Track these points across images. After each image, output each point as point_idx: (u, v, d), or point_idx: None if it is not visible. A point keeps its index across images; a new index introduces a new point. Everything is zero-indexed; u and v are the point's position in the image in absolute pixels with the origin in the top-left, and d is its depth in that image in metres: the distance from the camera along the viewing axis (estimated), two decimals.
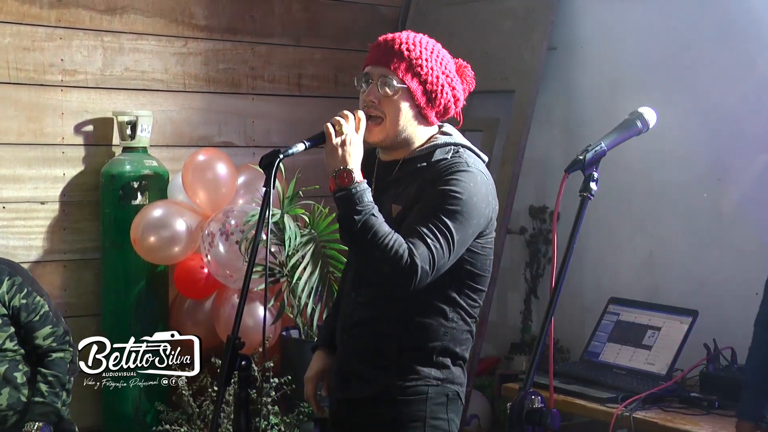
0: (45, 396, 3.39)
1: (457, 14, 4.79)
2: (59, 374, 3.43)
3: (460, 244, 2.36)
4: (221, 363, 2.34)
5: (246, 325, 4.02)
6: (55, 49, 4.14)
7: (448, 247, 2.32)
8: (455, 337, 2.48)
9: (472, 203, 2.37)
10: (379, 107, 2.43)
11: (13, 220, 4.08)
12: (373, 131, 2.44)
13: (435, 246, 2.30)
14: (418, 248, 2.29)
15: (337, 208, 2.37)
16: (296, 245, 3.97)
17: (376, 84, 2.43)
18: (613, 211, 4.19)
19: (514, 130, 4.38)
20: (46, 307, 3.46)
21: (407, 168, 2.48)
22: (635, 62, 4.22)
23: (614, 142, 2.12)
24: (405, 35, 2.47)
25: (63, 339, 3.47)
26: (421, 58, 2.43)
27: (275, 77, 4.74)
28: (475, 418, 4.41)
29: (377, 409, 2.48)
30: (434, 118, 2.48)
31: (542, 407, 1.84)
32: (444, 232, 2.32)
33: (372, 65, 2.46)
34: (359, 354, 2.53)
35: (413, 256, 2.28)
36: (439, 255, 2.31)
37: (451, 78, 2.48)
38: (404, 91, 2.42)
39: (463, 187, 2.36)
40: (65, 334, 3.49)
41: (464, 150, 2.48)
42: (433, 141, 2.49)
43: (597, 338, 3.82)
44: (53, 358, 3.44)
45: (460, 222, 2.34)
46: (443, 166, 2.41)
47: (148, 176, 4.17)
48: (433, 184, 2.38)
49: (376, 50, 2.47)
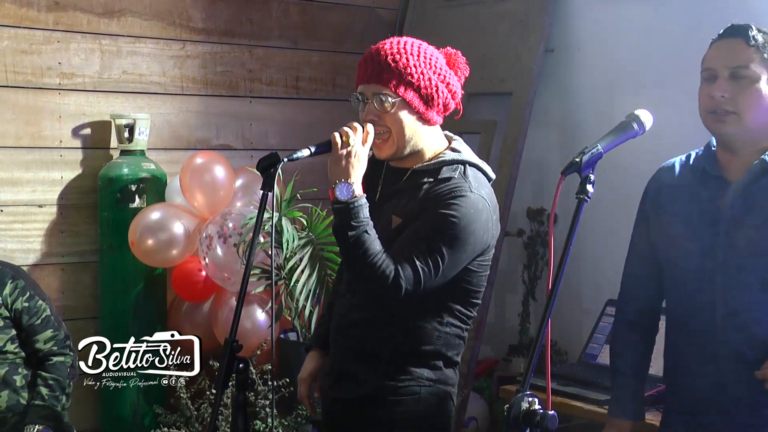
0: (45, 399, 3.39)
1: (454, 16, 4.79)
2: (60, 378, 3.43)
3: (449, 268, 2.39)
4: (219, 366, 2.34)
5: (244, 327, 4.02)
6: (52, 52, 4.14)
7: (436, 270, 2.36)
8: (448, 341, 2.49)
9: (470, 230, 2.38)
10: (381, 123, 2.43)
11: (11, 224, 4.08)
12: (382, 148, 2.46)
13: (423, 269, 2.35)
14: (404, 270, 2.34)
15: (333, 218, 2.40)
16: (294, 248, 3.96)
17: (372, 103, 2.43)
18: (610, 213, 4.18)
19: (512, 132, 4.39)
20: (48, 311, 3.47)
21: (414, 180, 2.48)
22: (632, 64, 4.22)
23: (611, 144, 2.13)
24: (389, 45, 2.45)
25: (64, 343, 3.48)
26: (409, 65, 2.41)
27: (273, 80, 4.74)
28: (473, 420, 4.41)
29: (370, 409, 2.49)
30: (436, 117, 2.48)
31: (540, 409, 1.85)
32: (434, 255, 2.35)
33: (363, 84, 2.45)
34: (353, 354, 2.54)
35: (399, 278, 2.33)
36: (426, 277, 2.36)
37: (444, 74, 2.47)
38: (401, 102, 2.42)
39: (462, 213, 2.37)
40: (66, 339, 3.49)
41: (471, 168, 2.48)
42: (441, 156, 2.48)
43: (595, 340, 3.82)
44: (54, 361, 3.45)
45: (453, 247, 2.37)
46: (447, 188, 2.41)
47: (145, 179, 4.17)
48: (435, 205, 2.39)
49: (365, 67, 2.45)
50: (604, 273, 4.30)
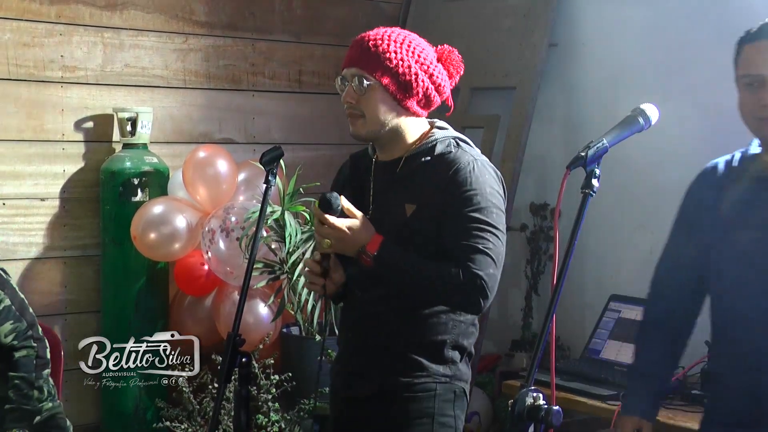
0: (13, 401, 3.19)
1: (458, 11, 4.78)
2: (24, 374, 3.20)
3: (504, 235, 2.43)
4: (221, 360, 2.34)
5: (246, 322, 4.02)
6: (55, 45, 4.13)
7: (498, 239, 2.39)
8: (463, 330, 2.48)
9: (493, 193, 2.43)
10: (356, 106, 2.46)
11: (13, 217, 4.07)
12: (356, 124, 2.48)
13: (487, 246, 2.36)
14: (473, 260, 2.34)
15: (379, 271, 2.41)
16: (297, 242, 3.96)
17: (351, 84, 2.47)
18: (614, 208, 4.18)
19: (515, 127, 4.38)
20: (7, 301, 3.21)
21: (411, 165, 2.48)
22: (636, 59, 4.21)
23: (616, 138, 2.11)
24: (375, 32, 2.51)
25: (25, 334, 3.21)
26: (389, 51, 2.45)
27: (276, 74, 4.74)
28: (475, 415, 4.41)
29: (384, 406, 2.47)
30: (417, 107, 2.48)
31: (544, 404, 1.84)
32: (489, 230, 2.38)
33: (346, 67, 2.51)
34: (365, 351, 2.52)
35: (467, 269, 2.33)
36: (495, 252, 2.38)
37: (428, 66, 2.47)
38: (376, 85, 2.44)
39: (480, 183, 2.41)
40: (28, 329, 3.22)
41: (462, 143, 2.50)
42: (431, 136, 2.50)
43: (598, 335, 3.82)
44: (16, 357, 3.20)
45: (495, 213, 2.41)
46: (449, 160, 2.43)
47: (148, 173, 4.17)
48: (456, 192, 2.40)
49: (349, 51, 2.52)
50: (607, 268, 4.30)
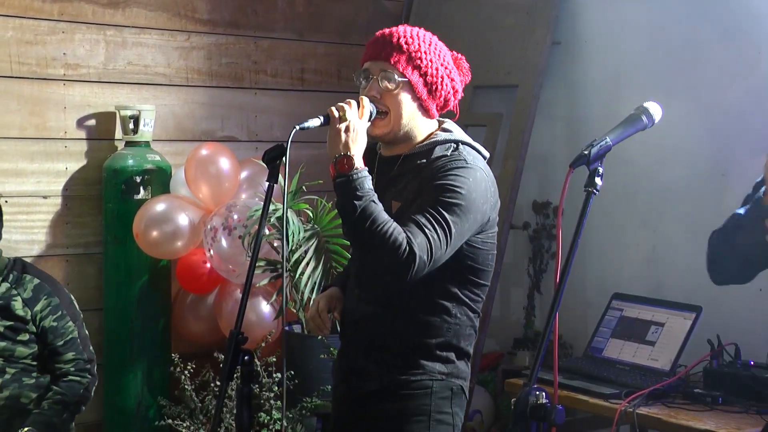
0: (45, 409, 3.37)
1: (460, 8, 4.77)
2: (67, 395, 3.41)
3: (457, 237, 2.35)
4: (224, 358, 2.34)
5: (249, 320, 4.02)
6: (57, 42, 4.13)
7: (445, 239, 2.32)
8: (459, 332, 2.48)
9: (471, 198, 2.36)
10: (381, 101, 2.43)
11: (16, 214, 4.07)
12: (378, 125, 2.44)
13: (433, 237, 2.30)
14: (416, 237, 2.28)
15: (336, 195, 2.34)
16: (299, 240, 3.96)
17: (377, 79, 2.44)
18: (616, 206, 4.18)
19: (517, 125, 4.38)
20: (75, 333, 3.47)
21: (407, 164, 2.48)
22: (639, 58, 4.21)
23: (620, 137, 2.11)
24: (402, 29, 2.48)
25: (84, 366, 3.47)
26: (420, 51, 2.44)
27: (278, 71, 4.73)
28: (477, 413, 4.41)
29: (382, 404, 2.48)
30: (435, 110, 2.49)
31: (547, 403, 1.84)
32: (442, 224, 2.32)
33: (371, 60, 2.47)
34: (363, 349, 2.53)
35: (411, 244, 2.26)
36: (436, 245, 2.30)
37: (450, 70, 2.49)
38: (405, 84, 2.43)
39: (461, 182, 2.36)
40: (87, 362, 3.49)
41: (464, 147, 2.48)
42: (434, 137, 2.49)
43: (600, 334, 3.81)
44: (68, 380, 3.44)
45: (458, 215, 2.34)
46: (442, 163, 2.41)
47: (150, 171, 4.16)
48: (434, 179, 2.38)
49: (375, 45, 2.48)
50: (610, 267, 4.30)
